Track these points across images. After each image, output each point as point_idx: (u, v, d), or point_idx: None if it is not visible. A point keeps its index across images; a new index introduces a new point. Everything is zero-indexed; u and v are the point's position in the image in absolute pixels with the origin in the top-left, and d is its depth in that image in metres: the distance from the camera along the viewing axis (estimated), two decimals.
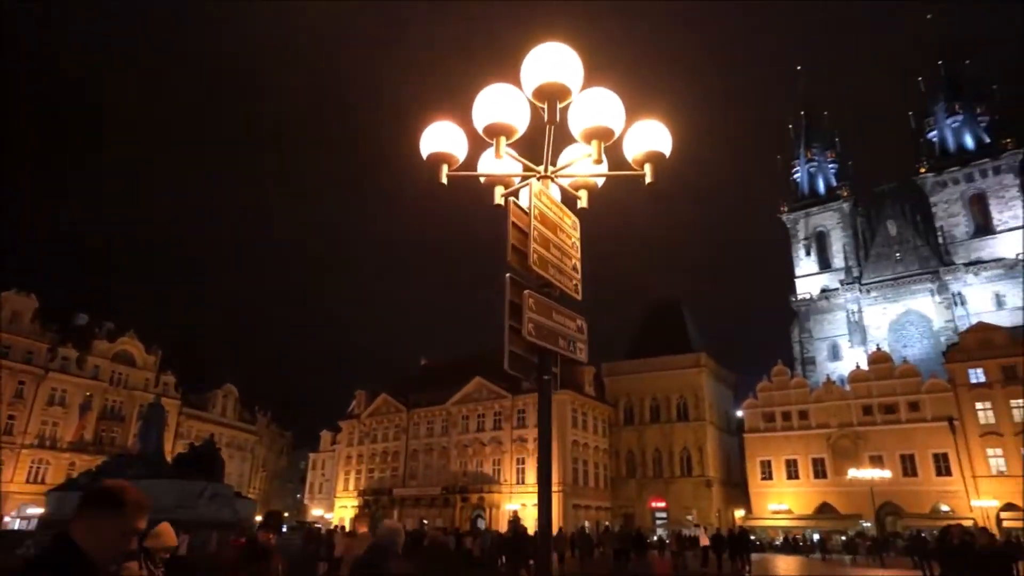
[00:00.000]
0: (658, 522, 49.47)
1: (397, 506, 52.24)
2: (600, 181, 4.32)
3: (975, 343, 46.41)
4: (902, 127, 78.82)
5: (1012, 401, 43.32)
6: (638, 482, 52.53)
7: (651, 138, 3.85)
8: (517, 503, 46.14)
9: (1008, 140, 69.40)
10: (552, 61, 3.45)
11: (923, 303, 68.26)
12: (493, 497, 47.82)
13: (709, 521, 48.52)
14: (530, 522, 43.11)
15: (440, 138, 3.99)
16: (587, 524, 46.52)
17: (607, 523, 49.49)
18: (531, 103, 3.73)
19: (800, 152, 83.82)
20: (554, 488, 45.46)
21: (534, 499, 45.95)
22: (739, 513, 52.16)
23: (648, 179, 4.09)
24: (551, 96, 3.49)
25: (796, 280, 78.20)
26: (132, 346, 59.23)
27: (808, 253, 78.60)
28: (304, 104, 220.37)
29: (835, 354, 71.48)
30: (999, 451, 42.91)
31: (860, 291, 71.63)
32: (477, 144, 4.20)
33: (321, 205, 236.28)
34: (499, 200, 4.22)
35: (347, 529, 25.23)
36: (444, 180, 4.03)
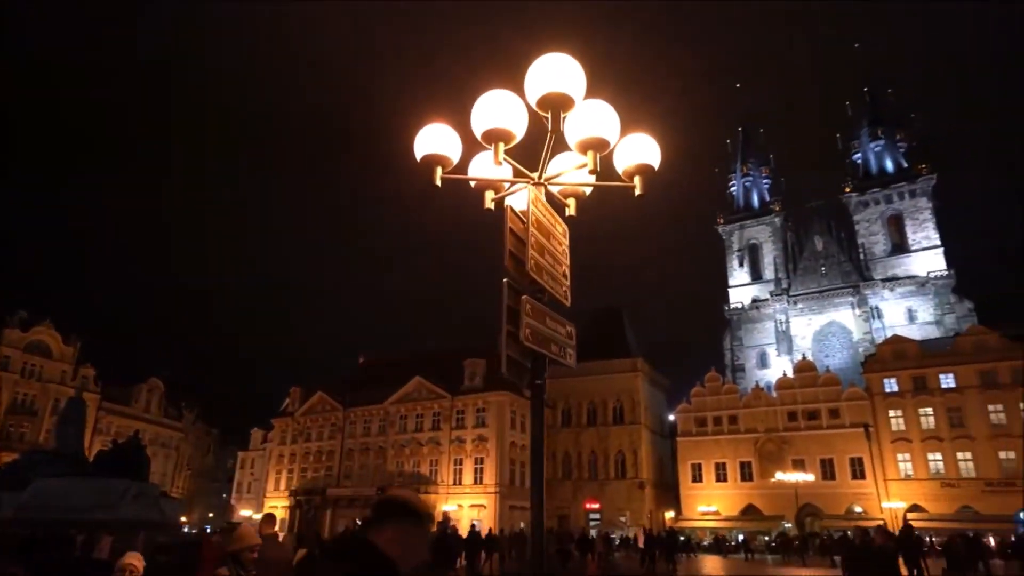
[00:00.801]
0: (592, 523, 50.28)
1: (330, 506, 51.17)
2: (588, 190, 4.46)
3: (890, 355, 49.41)
4: (831, 148, 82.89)
5: (920, 409, 46.36)
6: (574, 484, 53.29)
7: (642, 151, 3.98)
8: (454, 504, 46.02)
9: (923, 166, 74.23)
10: (556, 71, 3.52)
11: (844, 315, 72.11)
12: (429, 498, 47.29)
13: (641, 522, 49.78)
14: (465, 524, 43.12)
15: (435, 140, 4.01)
16: (523, 525, 46.84)
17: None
18: (529, 110, 3.82)
19: (737, 167, 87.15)
20: (491, 489, 45.79)
21: (471, 500, 46.28)
22: (669, 514, 53.70)
23: (638, 191, 4.24)
24: (554, 106, 3.56)
25: (729, 290, 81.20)
26: (48, 336, 55.81)
27: (741, 264, 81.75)
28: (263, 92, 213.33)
29: (763, 362, 74.61)
30: (908, 456, 45.83)
31: (788, 302, 75.02)
32: (467, 147, 4.26)
33: (261, 199, 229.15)
34: (489, 204, 4.28)
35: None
36: (439, 182, 4.07)
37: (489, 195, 4.28)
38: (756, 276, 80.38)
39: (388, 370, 54.92)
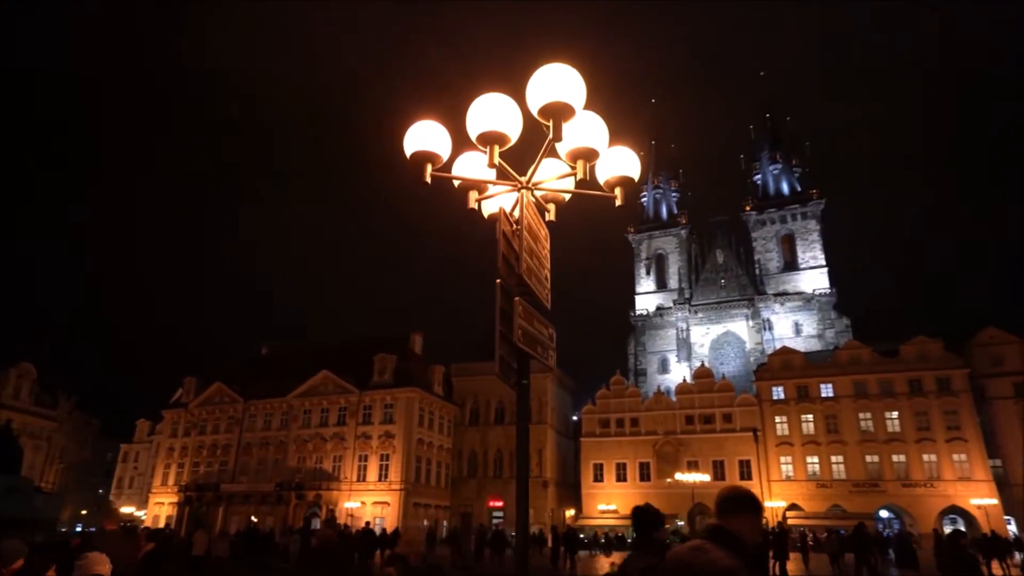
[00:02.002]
0: (495, 521, 50.75)
1: (224, 503, 48.77)
2: (567, 196, 4.61)
3: (778, 364, 53.09)
4: (736, 167, 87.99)
5: (803, 416, 50.11)
6: (478, 482, 53.58)
7: (624, 164, 4.17)
8: (357, 501, 45.09)
9: (814, 191, 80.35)
10: (559, 81, 3.58)
11: (739, 326, 76.74)
12: (332, 495, 46.30)
13: (543, 521, 50.79)
14: (368, 521, 42.39)
15: (425, 137, 4.03)
16: (426, 523, 46.63)
17: (445, 522, 50.00)
18: (525, 115, 3.92)
19: (649, 178, 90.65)
20: (396, 486, 45.28)
21: (375, 497, 45.52)
22: (570, 512, 55.09)
23: (618, 202, 4.44)
24: (556, 114, 3.64)
25: (636, 297, 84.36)
26: None
27: (648, 273, 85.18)
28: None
29: (664, 367, 78.09)
30: (789, 459, 49.41)
31: (689, 311, 78.93)
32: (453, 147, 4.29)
33: (162, 177, 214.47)
34: (473, 204, 4.35)
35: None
36: (428, 179, 4.09)
37: (473, 195, 4.34)
38: (661, 285, 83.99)
39: (293, 362, 53.02)
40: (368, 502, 45.55)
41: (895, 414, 47.71)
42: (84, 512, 69.11)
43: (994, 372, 48.08)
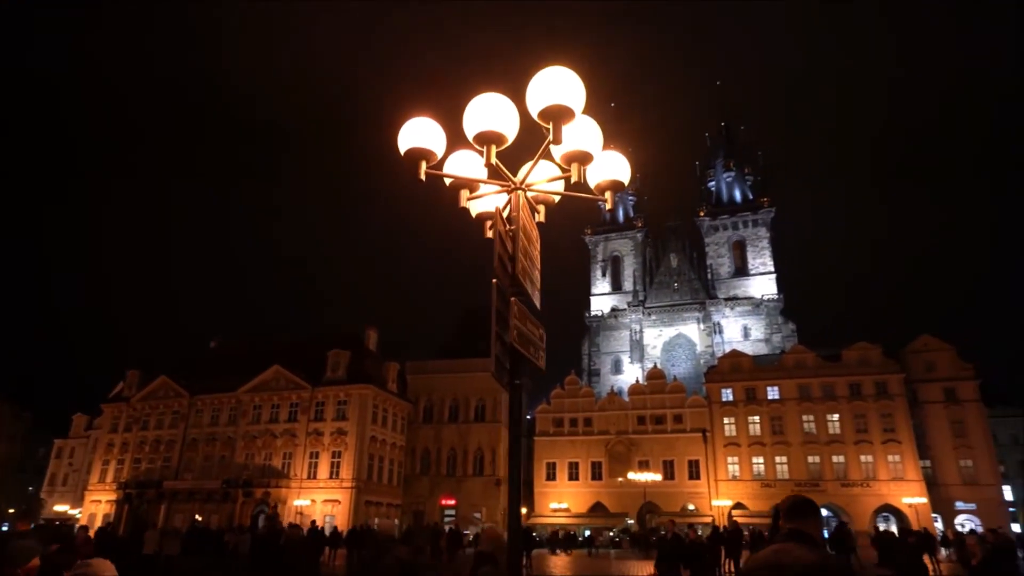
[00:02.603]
0: (446, 519, 50.61)
1: (166, 500, 47.19)
2: (557, 198, 4.67)
3: (728, 367, 54.55)
4: (691, 173, 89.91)
5: (750, 418, 51.62)
6: (431, 480, 53.31)
7: (615, 168, 4.24)
8: (307, 499, 44.31)
9: (765, 199, 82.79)
10: (560, 84, 3.60)
11: (691, 329, 78.49)
12: (280, 492, 45.35)
13: (495, 519, 50.87)
14: (318, 519, 41.67)
15: (420, 134, 4.02)
16: (377, 521, 46.13)
17: (396, 520, 49.55)
18: (520, 116, 3.95)
19: None
20: (348, 484, 44.68)
21: (325, 495, 44.84)
22: (522, 511, 55.32)
23: (608, 205, 4.52)
24: (556, 117, 3.66)
25: (592, 298, 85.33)
26: None
27: (604, 274, 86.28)
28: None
29: (618, 368, 79.24)
30: (736, 459, 50.83)
31: (643, 313, 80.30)
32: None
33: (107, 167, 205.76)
34: (464, 203, 4.36)
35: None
36: (423, 176, 4.08)
37: (464, 194, 4.36)
38: (616, 286, 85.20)
39: (243, 357, 51.64)
40: (318, 500, 44.80)
41: (836, 417, 49.63)
42: (11, 511, 65.81)
43: (927, 377, 50.52)
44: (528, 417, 61.64)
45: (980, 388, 50.13)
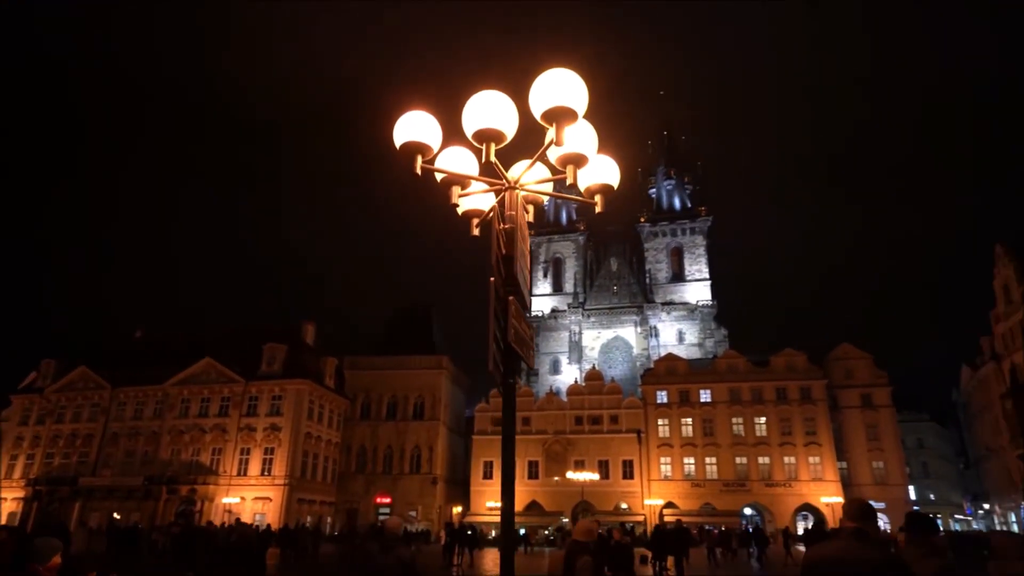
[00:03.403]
0: (381, 517, 49.98)
1: (81, 498, 44.66)
2: (545, 198, 4.73)
3: (664, 370, 56.07)
4: (634, 180, 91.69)
5: (683, 419, 53.23)
6: (366, 477, 52.54)
7: (606, 172, 4.32)
8: (236, 496, 42.86)
9: (703, 208, 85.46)
10: (563, 86, 3.61)
11: (628, 332, 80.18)
12: (208, 489, 43.67)
13: (431, 517, 50.67)
14: (247, 518, 40.40)
15: (415, 128, 4.00)
16: (309, 519, 45.13)
17: (329, 519, 48.63)
18: (523, 116, 3.98)
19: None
20: (280, 481, 43.50)
21: (256, 492, 43.52)
22: (457, 509, 55.26)
23: (598, 209, 4.60)
24: (559, 119, 3.67)
25: (532, 298, 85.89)
26: None
27: (546, 276, 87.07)
28: None
29: (556, 368, 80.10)
30: (668, 459, 52.32)
31: (583, 315, 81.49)
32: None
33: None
34: (456, 200, 4.36)
35: None
36: (419, 171, 4.06)
37: (456, 191, 4.36)
38: (557, 288, 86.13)
39: (172, 348, 49.45)
40: (248, 497, 43.41)
41: (763, 420, 51.81)
42: None
43: (846, 384, 53.41)
44: (468, 415, 61.82)
45: (891, 394, 53.45)
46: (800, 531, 45.50)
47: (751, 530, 39.64)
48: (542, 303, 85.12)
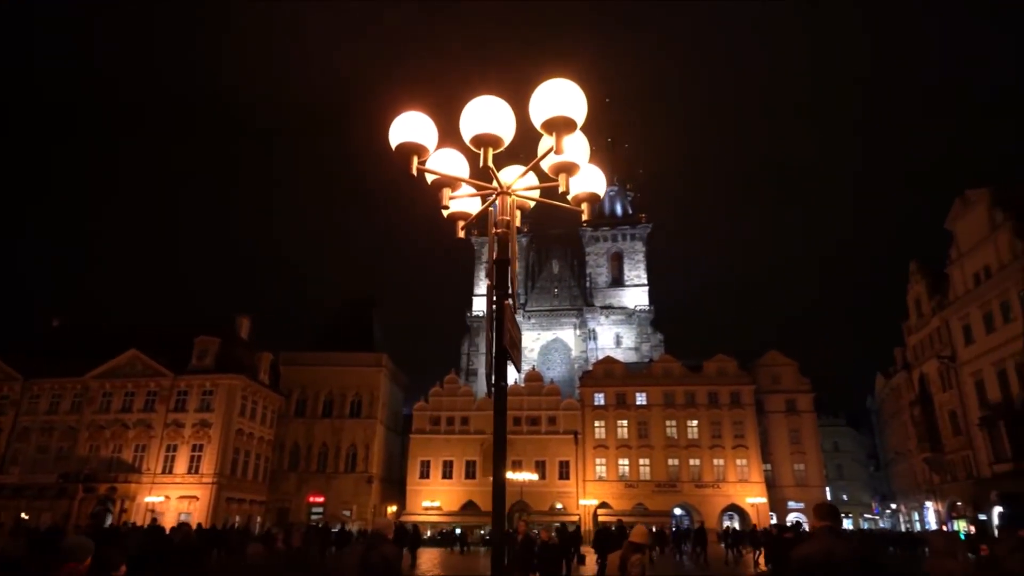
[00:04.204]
0: (314, 517, 48.90)
1: None
2: (531, 203, 4.83)
3: (601, 373, 57.14)
4: None
5: (619, 421, 54.40)
6: (299, 476, 51.28)
7: (593, 182, 4.47)
8: (160, 495, 41.03)
9: (643, 215, 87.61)
10: (563, 96, 3.70)
11: (567, 334, 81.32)
12: (129, 488, 41.60)
13: (365, 517, 49.92)
14: (171, 518, 38.80)
15: (411, 128, 4.03)
16: (238, 519, 43.73)
17: (259, 518, 47.24)
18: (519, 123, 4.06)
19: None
20: (208, 480, 41.95)
21: (182, 491, 41.85)
22: (392, 509, 54.66)
23: (584, 216, 4.72)
24: (559, 128, 3.76)
25: (474, 298, 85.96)
26: None
27: (488, 276, 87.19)
28: None
29: None
30: (604, 460, 53.37)
31: (523, 317, 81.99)
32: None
33: None
34: (447, 202, 4.41)
35: None
36: (415, 171, 4.09)
37: (447, 193, 4.41)
38: None
39: (93, 339, 46.82)
40: (173, 496, 41.63)
41: (695, 423, 53.54)
42: None
43: (772, 389, 55.87)
44: (405, 413, 61.24)
45: (813, 400, 56.29)
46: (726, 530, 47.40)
47: (687, 529, 41.11)
48: (483, 303, 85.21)
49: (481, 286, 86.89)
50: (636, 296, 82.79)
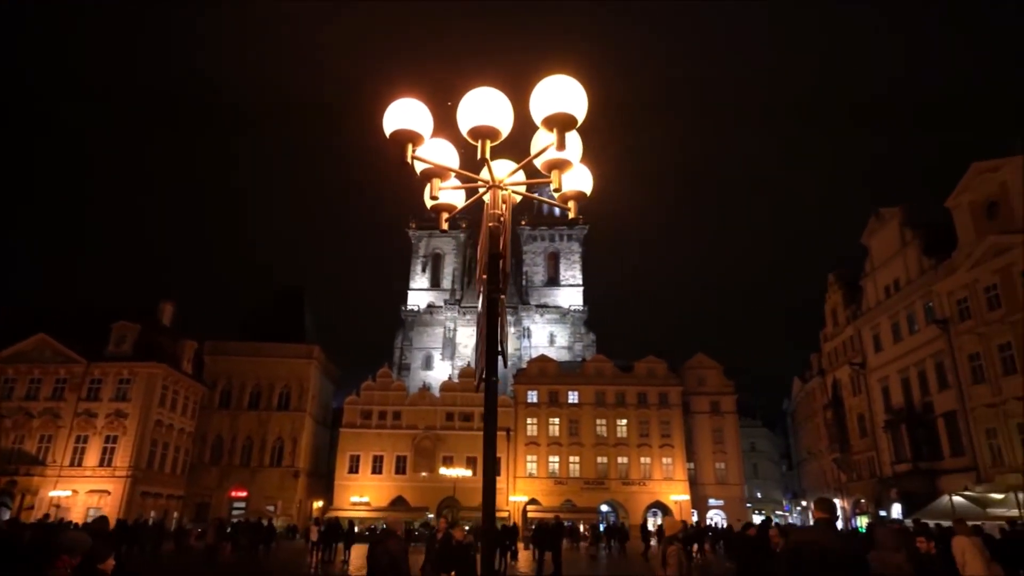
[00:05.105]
0: (235, 512, 47.24)
1: None
2: (518, 197, 4.87)
3: (535, 371, 57.74)
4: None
5: (551, 419, 55.15)
6: (221, 470, 49.38)
7: (581, 180, 4.55)
8: (67, 489, 38.57)
9: (580, 217, 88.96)
10: (565, 93, 3.71)
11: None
12: (32, 481, 38.94)
13: (290, 512, 48.64)
14: (79, 512, 36.69)
15: (406, 116, 3.99)
16: (153, 514, 41.68)
17: (176, 513, 45.23)
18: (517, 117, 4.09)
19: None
20: (122, 473, 39.86)
21: (92, 485, 39.67)
22: (318, 504, 53.47)
23: (571, 215, 4.80)
24: (561, 125, 3.77)
25: (409, 292, 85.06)
26: None
27: (424, 270, 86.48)
28: None
29: (428, 364, 79.82)
30: (535, 458, 53.99)
31: (459, 312, 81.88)
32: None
33: None
34: (436, 192, 4.39)
35: None
36: (411, 160, 4.05)
37: (436, 183, 4.39)
38: (435, 283, 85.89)
39: None
40: (82, 491, 39.24)
41: (624, 422, 54.90)
42: None
43: (698, 391, 57.99)
44: (335, 407, 60.00)
45: (736, 402, 58.82)
46: (651, 527, 48.92)
47: (605, 526, 42.20)
48: (418, 297, 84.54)
49: (418, 280, 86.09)
50: (571, 296, 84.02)
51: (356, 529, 45.09)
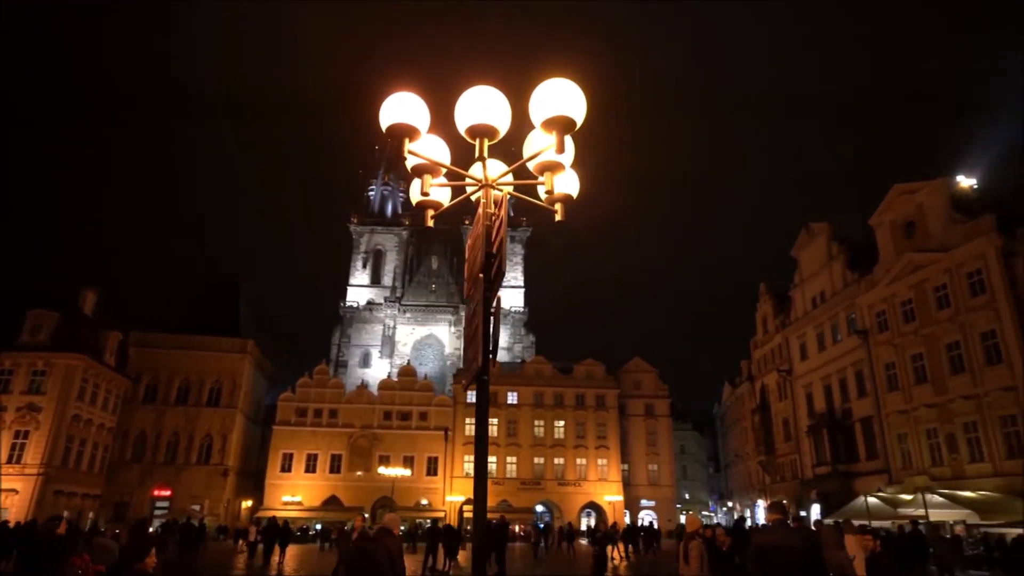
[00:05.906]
0: (157, 512, 45.19)
1: None
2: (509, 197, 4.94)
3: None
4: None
5: (489, 420, 54.98)
6: (143, 468, 47.11)
7: (569, 183, 4.68)
8: None
9: (523, 219, 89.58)
10: (564, 96, 3.79)
11: (442, 330, 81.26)
12: None
13: (217, 512, 46.91)
14: None
15: (403, 109, 4.00)
16: (67, 514, 39.27)
17: (92, 513, 42.84)
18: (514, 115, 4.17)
19: (379, 174, 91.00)
20: (33, 471, 37.56)
21: None
22: (247, 503, 51.79)
23: (559, 217, 4.91)
24: (560, 127, 3.84)
25: (349, 288, 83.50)
26: None
27: (364, 266, 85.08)
28: None
29: (366, 361, 78.55)
30: (472, 458, 53.81)
31: (399, 310, 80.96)
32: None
33: None
34: (427, 189, 4.43)
35: None
36: (407, 154, 4.08)
37: (428, 180, 4.43)
38: (376, 280, 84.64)
39: None
40: None
41: (562, 423, 55.61)
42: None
43: (634, 394, 59.38)
44: (267, 403, 58.25)
45: (670, 406, 60.55)
46: (583, 527, 49.77)
47: (541, 526, 42.67)
48: (358, 294, 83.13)
49: (358, 276, 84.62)
50: (512, 297, 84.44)
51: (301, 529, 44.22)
